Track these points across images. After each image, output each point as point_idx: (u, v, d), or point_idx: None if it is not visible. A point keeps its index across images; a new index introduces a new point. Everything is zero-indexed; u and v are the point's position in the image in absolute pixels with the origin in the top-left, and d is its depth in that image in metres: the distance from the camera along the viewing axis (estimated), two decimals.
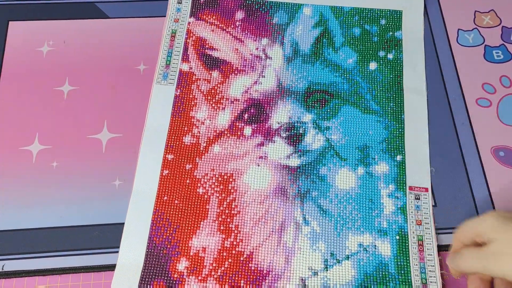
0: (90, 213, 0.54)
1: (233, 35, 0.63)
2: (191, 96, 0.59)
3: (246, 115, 0.58)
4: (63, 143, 0.57)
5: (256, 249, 0.52)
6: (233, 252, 0.52)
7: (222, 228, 0.53)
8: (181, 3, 0.64)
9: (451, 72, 0.62)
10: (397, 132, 0.57)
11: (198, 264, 0.51)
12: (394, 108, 0.59)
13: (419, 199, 0.54)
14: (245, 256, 0.52)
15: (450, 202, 0.55)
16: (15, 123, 0.58)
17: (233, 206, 0.54)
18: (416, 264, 0.51)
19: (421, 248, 0.52)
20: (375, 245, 0.52)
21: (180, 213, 0.53)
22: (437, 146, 0.58)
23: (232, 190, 0.55)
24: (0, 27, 0.63)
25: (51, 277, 0.51)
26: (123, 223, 0.53)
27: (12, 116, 0.59)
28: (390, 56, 0.62)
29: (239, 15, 0.64)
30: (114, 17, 0.65)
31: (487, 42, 0.64)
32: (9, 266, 0.51)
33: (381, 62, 0.61)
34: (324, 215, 0.53)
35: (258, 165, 0.56)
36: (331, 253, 0.52)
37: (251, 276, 0.51)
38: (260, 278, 0.51)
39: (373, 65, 0.61)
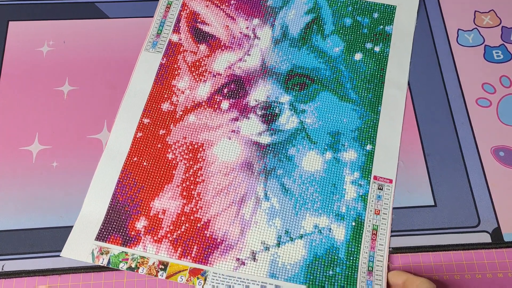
0: None
1: (226, 12, 0.64)
2: (175, 66, 0.61)
3: (226, 89, 0.59)
4: (63, 143, 0.58)
5: (214, 217, 0.53)
6: (191, 217, 0.53)
7: (184, 193, 0.54)
8: None
9: (451, 72, 0.62)
10: (371, 123, 0.57)
11: (156, 225, 0.53)
12: (372, 99, 0.59)
13: (381, 189, 0.54)
14: (202, 223, 0.53)
15: (450, 202, 0.55)
16: (15, 123, 0.59)
17: (198, 174, 0.55)
18: (366, 252, 0.51)
19: (374, 237, 0.52)
20: (330, 228, 0.52)
21: (146, 174, 0.55)
22: (437, 146, 0.58)
23: (200, 159, 0.56)
24: (0, 27, 0.64)
25: (51, 277, 0.52)
26: None
27: (12, 116, 0.59)
28: (377, 48, 0.62)
29: None
30: (114, 17, 0.65)
31: (487, 42, 0.64)
32: (9, 266, 0.52)
33: (367, 54, 0.61)
34: (285, 193, 0.54)
35: (230, 139, 0.57)
36: (286, 230, 0.52)
37: (205, 243, 0.52)
38: (213, 246, 0.52)
39: (358, 56, 0.61)
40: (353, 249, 0.51)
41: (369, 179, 0.55)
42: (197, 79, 0.60)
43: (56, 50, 0.63)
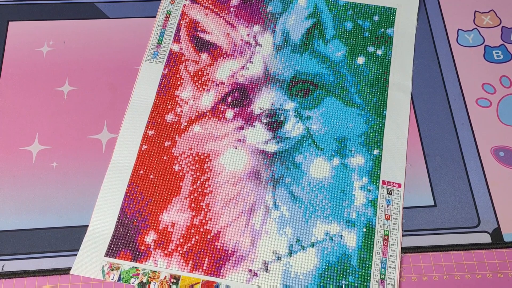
0: (90, 213, 0.54)
1: (226, 20, 0.64)
2: (178, 76, 0.60)
3: (230, 98, 0.59)
4: (63, 143, 0.57)
5: (223, 228, 0.53)
6: (201, 229, 0.53)
7: (193, 205, 0.54)
8: None
9: (451, 72, 0.62)
10: (377, 127, 0.57)
11: (166, 238, 0.52)
12: (377, 103, 0.59)
13: (391, 194, 0.54)
14: (212, 234, 0.52)
15: (450, 202, 0.55)
16: (15, 123, 0.58)
17: (206, 185, 0.55)
18: (378, 259, 0.51)
19: (385, 243, 0.52)
20: (342, 235, 0.52)
21: (154, 187, 0.54)
22: (437, 146, 0.58)
23: (207, 170, 0.55)
24: (0, 27, 0.64)
25: (51, 277, 0.51)
26: None
27: (12, 116, 0.59)
28: (379, 52, 0.62)
29: (235, 1, 0.65)
30: (114, 17, 0.65)
31: (487, 42, 0.64)
32: (9, 266, 0.51)
33: (370, 57, 0.61)
34: (294, 201, 0.54)
35: (236, 148, 0.56)
36: (297, 238, 0.52)
37: (216, 255, 0.51)
38: (225, 257, 0.51)
39: (361, 60, 0.61)
40: (365, 256, 0.51)
41: (377, 184, 0.55)
42: (200, 89, 0.59)
43: (56, 50, 0.63)
